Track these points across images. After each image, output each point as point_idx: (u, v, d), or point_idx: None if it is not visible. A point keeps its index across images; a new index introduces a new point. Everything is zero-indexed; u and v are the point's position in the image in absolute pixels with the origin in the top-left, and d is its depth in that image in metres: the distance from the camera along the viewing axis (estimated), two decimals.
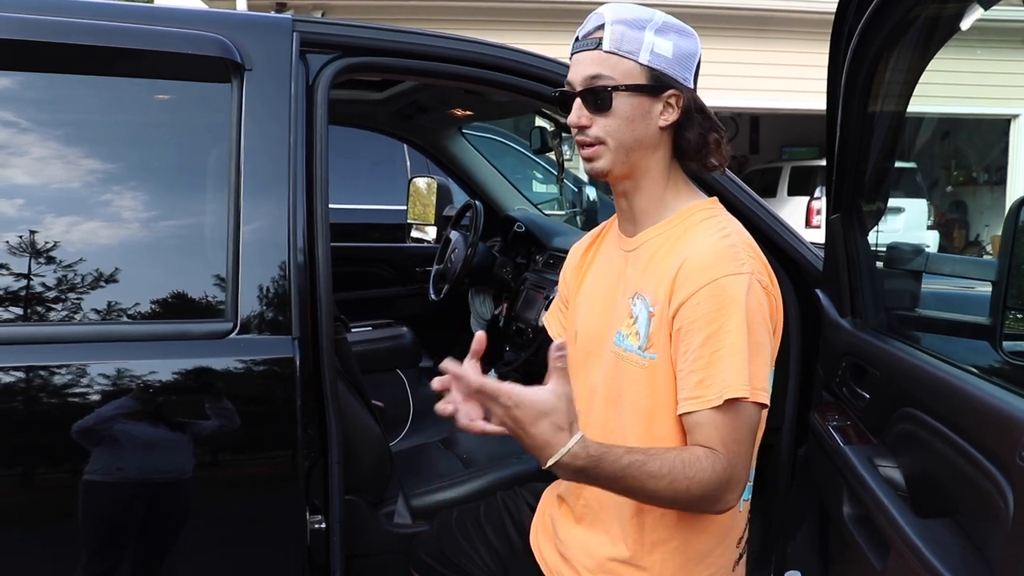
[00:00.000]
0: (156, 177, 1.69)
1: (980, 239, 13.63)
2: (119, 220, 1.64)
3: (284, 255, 1.64)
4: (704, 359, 1.38)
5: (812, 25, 10.57)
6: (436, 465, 2.32)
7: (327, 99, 1.78)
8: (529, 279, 3.17)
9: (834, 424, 1.69)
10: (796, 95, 10.85)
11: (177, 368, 1.58)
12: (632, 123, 1.47)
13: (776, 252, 2.03)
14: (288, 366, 1.60)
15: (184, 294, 1.63)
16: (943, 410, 1.33)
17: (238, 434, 1.63)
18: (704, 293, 1.38)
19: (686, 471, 1.33)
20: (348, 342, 2.17)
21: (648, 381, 1.47)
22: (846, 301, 1.87)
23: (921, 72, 1.58)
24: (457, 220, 3.52)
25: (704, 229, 1.48)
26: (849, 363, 1.79)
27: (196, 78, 1.71)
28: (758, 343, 1.38)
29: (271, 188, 1.66)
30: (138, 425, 1.55)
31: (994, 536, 1.14)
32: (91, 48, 1.61)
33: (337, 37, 1.83)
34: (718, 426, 1.37)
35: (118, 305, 1.59)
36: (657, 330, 1.45)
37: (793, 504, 2.02)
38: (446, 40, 1.96)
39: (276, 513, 1.65)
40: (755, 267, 1.42)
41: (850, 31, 1.58)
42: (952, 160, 13.75)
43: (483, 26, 9.53)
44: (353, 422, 1.89)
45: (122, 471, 1.55)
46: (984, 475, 1.16)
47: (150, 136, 1.71)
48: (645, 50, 1.44)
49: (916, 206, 11.36)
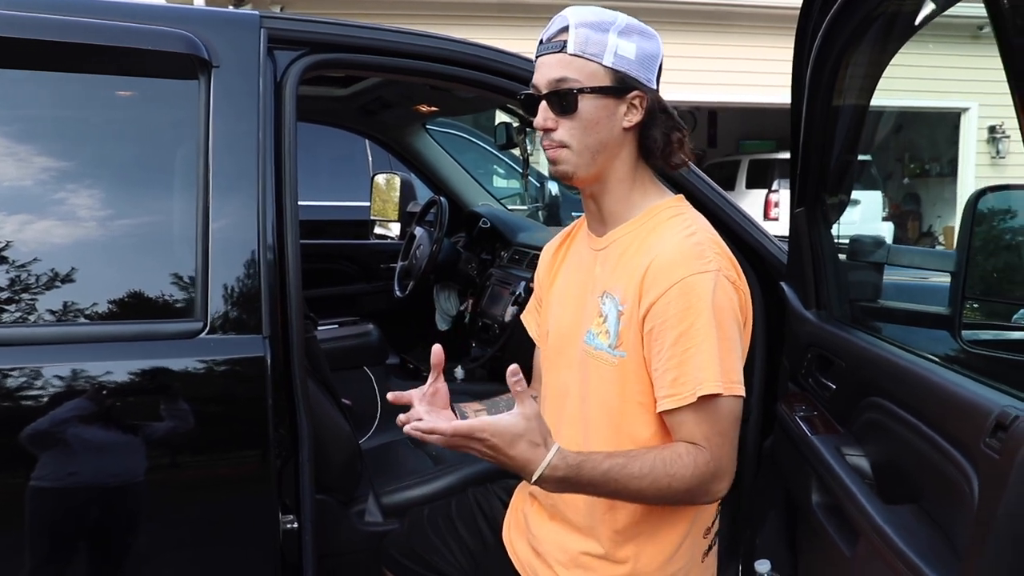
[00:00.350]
0: (122, 175, 1.68)
1: (933, 230, 13.90)
2: (85, 219, 1.62)
3: (254, 253, 1.62)
4: (677, 357, 1.41)
5: (769, 20, 10.70)
6: (405, 462, 2.32)
7: (295, 96, 1.77)
8: (495, 275, 3.18)
9: (801, 414, 1.72)
10: (753, 88, 11.00)
11: (146, 369, 1.56)
12: (597, 125, 1.48)
13: (741, 246, 2.05)
14: (259, 365, 1.59)
15: (153, 293, 1.61)
16: (908, 399, 1.36)
17: (207, 435, 1.62)
18: (673, 292, 1.41)
19: (667, 469, 1.37)
20: (317, 340, 2.16)
21: (618, 379, 1.50)
22: (811, 293, 1.90)
23: (883, 67, 1.62)
24: (422, 216, 3.52)
25: (670, 228, 1.50)
26: (815, 354, 1.82)
27: (163, 75, 1.69)
28: (729, 338, 1.42)
29: (240, 185, 1.65)
30: (108, 428, 1.54)
31: (959, 520, 1.17)
32: (56, 44, 1.58)
33: (305, 33, 1.82)
34: (697, 422, 1.41)
35: (84, 306, 1.57)
36: (627, 328, 1.47)
37: (760, 495, 2.05)
38: (414, 36, 1.96)
39: (249, 513, 1.64)
40: (721, 263, 1.44)
41: (815, 28, 1.61)
42: (906, 153, 14.00)
43: (442, 20, 9.51)
44: (323, 421, 1.89)
45: (92, 474, 1.54)
46: (949, 461, 1.19)
47: (116, 133, 1.69)
48: (609, 52, 1.46)
49: (872, 198, 11.56)
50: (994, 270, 2.11)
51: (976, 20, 9.17)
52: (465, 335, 3.37)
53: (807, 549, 1.75)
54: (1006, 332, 2.29)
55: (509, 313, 2.86)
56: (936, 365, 1.35)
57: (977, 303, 1.97)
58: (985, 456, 1.08)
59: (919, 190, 14.66)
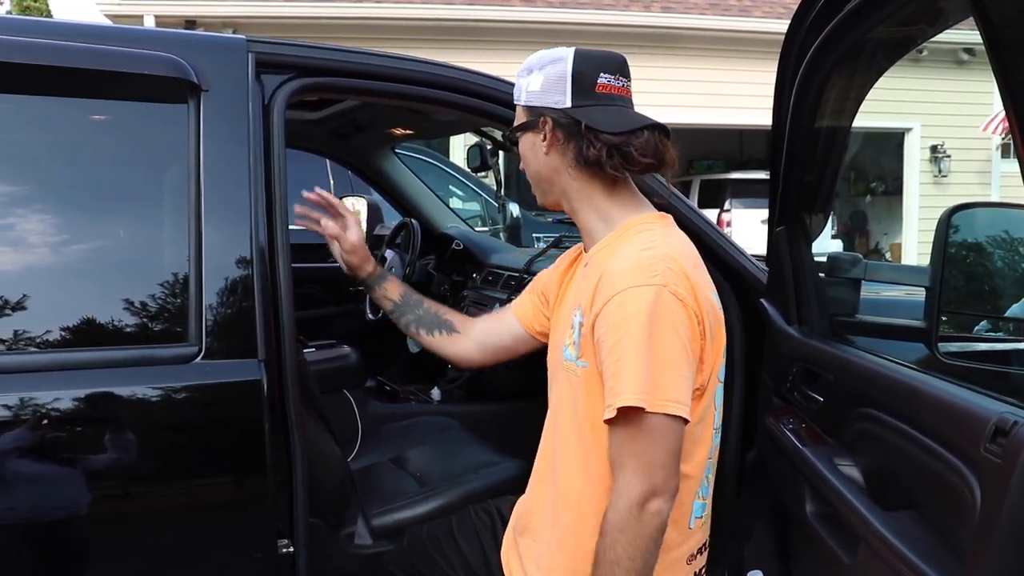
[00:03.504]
0: (112, 199, 1.66)
1: (880, 247, 14.23)
2: (77, 244, 1.61)
3: (247, 276, 1.62)
4: (610, 369, 1.41)
5: (718, 42, 10.95)
6: (390, 484, 2.32)
7: (283, 119, 1.78)
8: (468, 296, 3.19)
9: (791, 427, 1.76)
10: (704, 110, 11.19)
11: (141, 395, 1.55)
12: (527, 159, 1.64)
13: (719, 264, 2.09)
14: (255, 389, 1.58)
15: (146, 319, 1.59)
16: (902, 409, 1.40)
17: (203, 460, 1.61)
18: (613, 304, 1.42)
19: (609, 539, 1.37)
20: (307, 362, 2.16)
21: (583, 389, 1.51)
22: (792, 309, 1.95)
23: (868, 90, 1.67)
24: (392, 239, 3.52)
25: (632, 242, 1.51)
26: (800, 368, 1.87)
27: (151, 99, 1.68)
28: (665, 352, 1.38)
29: (232, 209, 1.64)
30: (102, 454, 1.52)
31: (960, 525, 1.21)
32: (46, 68, 1.57)
33: (291, 57, 1.83)
34: (622, 441, 1.39)
35: (77, 331, 1.55)
36: (586, 339, 1.49)
37: (745, 507, 2.09)
38: (396, 60, 1.97)
39: (248, 538, 1.63)
40: (670, 279, 1.41)
41: (800, 51, 1.66)
42: (851, 172, 14.32)
43: (403, 43, 9.54)
44: (314, 444, 1.88)
45: (82, 500, 1.51)
46: (948, 468, 1.23)
47: (106, 158, 1.68)
48: (521, 92, 1.60)
49: None
50: (965, 283, 2.19)
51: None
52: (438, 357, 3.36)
53: (802, 558, 1.78)
54: (976, 344, 2.37)
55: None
56: (930, 376, 1.40)
57: (946, 316, 2.04)
58: (986, 461, 1.13)
59: (865, 208, 15.00)
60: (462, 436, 2.65)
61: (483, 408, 2.94)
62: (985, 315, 2.36)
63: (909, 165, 12.66)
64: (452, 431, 2.70)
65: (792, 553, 1.85)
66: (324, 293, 4.00)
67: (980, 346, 2.43)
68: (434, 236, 3.66)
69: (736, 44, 11.04)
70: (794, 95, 1.69)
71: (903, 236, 12.88)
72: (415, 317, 1.95)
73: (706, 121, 11.46)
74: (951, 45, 11.27)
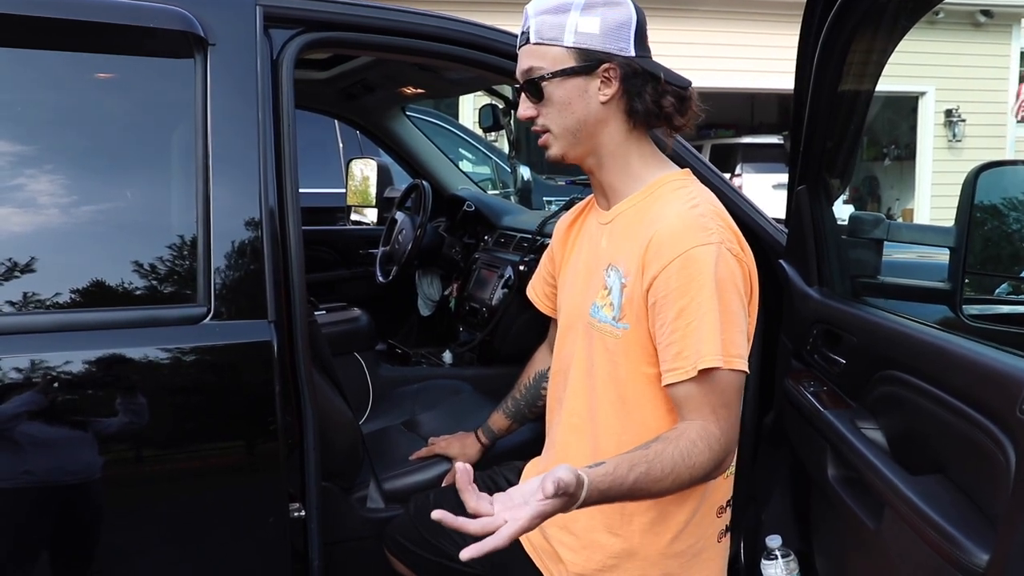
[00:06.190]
0: (119, 158, 1.62)
1: (892, 212, 14.12)
2: (83, 204, 1.57)
3: (257, 236, 1.58)
4: (679, 331, 1.40)
5: (731, 5, 10.77)
6: (402, 448, 2.29)
7: (292, 75, 1.73)
8: (480, 259, 3.15)
9: (811, 390, 1.72)
10: (715, 74, 11.05)
11: (150, 356, 1.52)
12: (570, 106, 1.50)
13: (738, 225, 2.05)
14: (266, 350, 1.56)
15: (154, 279, 1.56)
16: (931, 371, 1.37)
17: (213, 422, 1.58)
18: (675, 266, 1.41)
19: (686, 461, 1.34)
20: (318, 324, 2.13)
21: (622, 351, 1.50)
22: (813, 271, 1.91)
23: (890, 52, 1.63)
24: (402, 201, 3.48)
25: (674, 200, 1.50)
26: (820, 330, 1.83)
27: (157, 53, 1.64)
28: (731, 311, 1.41)
29: (241, 167, 1.60)
30: (112, 416, 1.49)
31: (991, 488, 1.18)
32: (49, 20, 1.52)
33: (300, 11, 1.77)
34: (703, 395, 1.40)
35: (85, 292, 1.52)
36: (629, 301, 1.47)
37: (763, 470, 2.06)
38: (409, 15, 1.91)
39: (259, 502, 1.61)
40: (724, 236, 1.44)
41: (823, 12, 1.61)
42: (864, 137, 14.16)
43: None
44: (326, 406, 1.85)
45: (93, 463, 1.49)
46: (981, 430, 1.19)
47: (112, 115, 1.64)
48: (569, 32, 1.48)
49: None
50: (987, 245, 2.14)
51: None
52: (449, 320, 3.34)
53: (824, 522, 1.76)
54: (998, 306, 2.33)
55: (497, 297, 2.84)
56: (961, 337, 1.36)
57: (968, 278, 1.99)
58: (1022, 423, 1.09)
59: (877, 173, 14.87)
60: (474, 399, 2.62)
61: (495, 371, 2.91)
62: (1010, 276, 2.31)
63: (923, 129, 12.53)
64: (464, 394, 2.68)
65: (812, 518, 1.82)
66: (334, 256, 3.97)
67: (1003, 308, 2.38)
68: (445, 198, 3.61)
69: (748, 7, 10.89)
70: (817, 56, 1.65)
71: (915, 201, 12.77)
72: (527, 408, 1.99)
73: (716, 85, 11.32)
74: (968, 6, 11.09)
